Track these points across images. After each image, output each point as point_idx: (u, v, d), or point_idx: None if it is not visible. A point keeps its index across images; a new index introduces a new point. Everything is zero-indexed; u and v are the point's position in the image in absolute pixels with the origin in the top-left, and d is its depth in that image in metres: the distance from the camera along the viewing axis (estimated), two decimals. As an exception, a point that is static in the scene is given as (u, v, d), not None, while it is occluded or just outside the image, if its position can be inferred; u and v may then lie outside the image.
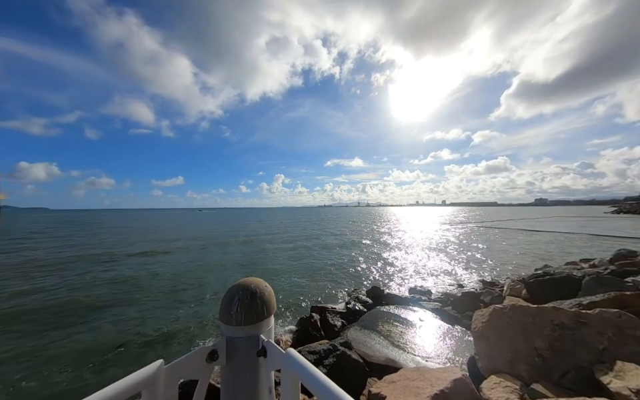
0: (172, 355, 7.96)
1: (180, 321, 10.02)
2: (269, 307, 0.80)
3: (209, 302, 12.11)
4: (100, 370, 7.08)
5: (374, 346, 5.79)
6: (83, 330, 9.63)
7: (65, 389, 6.52)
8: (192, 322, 9.92)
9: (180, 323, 9.91)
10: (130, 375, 0.54)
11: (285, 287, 14.51)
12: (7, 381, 6.47)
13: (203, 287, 14.62)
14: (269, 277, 17.12)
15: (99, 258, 24.08)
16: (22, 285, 15.15)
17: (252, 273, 17.67)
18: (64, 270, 19.21)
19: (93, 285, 15.26)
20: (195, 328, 9.29)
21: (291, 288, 14.26)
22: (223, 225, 66.98)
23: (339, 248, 28.10)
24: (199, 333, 9.02)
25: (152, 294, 13.87)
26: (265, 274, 17.78)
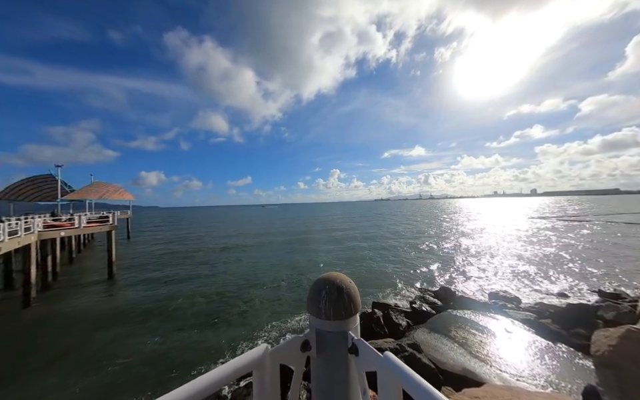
0: (259, 336, 9.09)
1: (271, 305, 11.37)
2: (355, 304, 0.78)
3: (292, 290, 13.30)
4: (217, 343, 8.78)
5: (447, 352, 5.24)
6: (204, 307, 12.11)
7: (197, 349, 8.32)
8: (275, 307, 11.13)
9: (271, 307, 11.24)
10: (243, 355, 0.60)
11: (345, 281, 14.73)
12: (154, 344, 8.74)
13: (278, 278, 16.13)
14: (326, 270, 17.64)
15: (201, 244, 29.70)
16: (159, 266, 20.11)
17: (313, 265, 18.54)
18: (183, 251, 24.56)
19: (203, 267, 18.96)
20: (280, 313, 10.31)
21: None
22: (284, 220, 72.53)
23: (399, 243, 26.56)
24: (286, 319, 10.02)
25: (240, 281, 16.23)
26: (323, 268, 18.36)
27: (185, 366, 7.34)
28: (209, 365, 7.30)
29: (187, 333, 9.31)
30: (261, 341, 8.51)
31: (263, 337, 8.78)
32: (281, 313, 10.62)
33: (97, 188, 26.40)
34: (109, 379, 6.85)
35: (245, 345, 8.26)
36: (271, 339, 8.65)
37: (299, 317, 10.06)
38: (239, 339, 8.70)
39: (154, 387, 6.48)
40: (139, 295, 13.76)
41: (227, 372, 0.54)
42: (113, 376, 6.94)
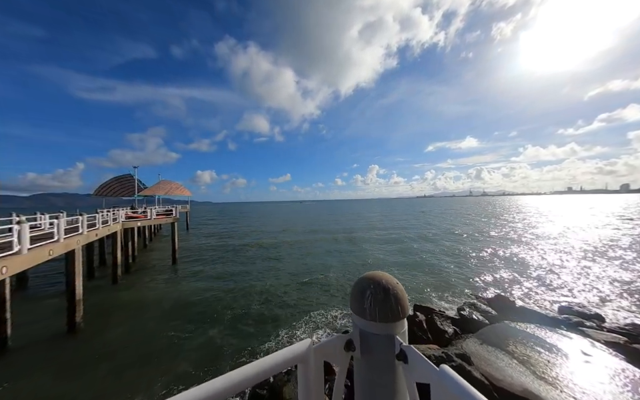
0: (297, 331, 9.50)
1: (311, 302, 11.77)
2: (403, 307, 0.72)
3: (336, 286, 13.59)
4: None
5: (503, 368, 4.65)
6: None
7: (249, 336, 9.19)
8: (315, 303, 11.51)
9: (311, 303, 11.68)
10: (288, 348, 0.61)
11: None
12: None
13: (323, 274, 16.52)
14: (365, 268, 17.26)
15: (247, 235, 32.28)
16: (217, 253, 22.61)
17: (357, 263, 18.40)
18: (237, 240, 27.15)
19: (254, 256, 20.66)
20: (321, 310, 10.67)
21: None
22: (323, 216, 73.33)
23: (445, 243, 24.44)
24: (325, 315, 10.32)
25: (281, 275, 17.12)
26: (365, 266, 18.04)
27: (233, 337, 8.21)
28: (254, 345, 7.91)
29: (235, 310, 10.33)
30: (304, 335, 8.85)
31: (303, 329, 9.10)
32: (325, 307, 10.82)
33: (163, 185, 30.66)
34: (173, 332, 8.10)
35: (285, 333, 8.69)
36: (311, 332, 8.92)
37: (338, 313, 10.13)
38: (283, 326, 9.21)
39: (201, 347, 7.46)
40: (197, 276, 16.00)
41: (273, 363, 0.55)
42: (175, 330, 8.24)
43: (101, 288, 13.78)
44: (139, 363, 7.36)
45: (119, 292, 13.37)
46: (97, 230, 12.35)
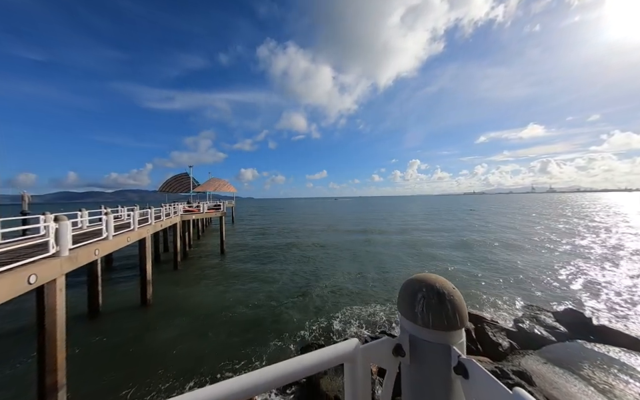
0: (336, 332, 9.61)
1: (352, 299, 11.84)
2: (461, 315, 0.65)
3: (374, 285, 13.43)
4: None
5: (575, 395, 3.96)
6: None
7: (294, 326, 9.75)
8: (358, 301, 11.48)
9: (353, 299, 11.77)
10: (334, 346, 0.60)
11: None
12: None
13: (357, 274, 16.48)
14: (401, 271, 16.46)
15: (289, 231, 33.78)
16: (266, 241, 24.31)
17: (393, 262, 17.74)
18: (283, 233, 28.85)
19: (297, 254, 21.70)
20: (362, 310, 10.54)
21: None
22: (356, 214, 72.01)
23: (498, 243, 21.72)
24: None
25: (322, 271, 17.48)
26: (406, 267, 17.22)
27: (274, 321, 8.70)
28: (294, 332, 8.25)
29: (278, 298, 10.93)
30: (338, 328, 8.91)
31: (342, 326, 9.13)
32: (364, 307, 10.66)
33: (213, 182, 33.86)
34: (224, 311, 8.99)
35: (321, 325, 8.84)
36: (345, 328, 8.91)
37: (378, 314, 9.91)
38: (321, 317, 9.41)
39: (248, 328, 8.11)
40: (242, 264, 17.59)
41: (319, 360, 0.55)
42: (225, 310, 9.13)
43: (164, 271, 15.97)
44: (197, 330, 8.61)
45: (179, 275, 15.33)
46: (162, 221, 14.29)
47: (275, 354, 7.54)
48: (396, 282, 13.39)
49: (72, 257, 5.82)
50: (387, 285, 13.06)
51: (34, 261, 5.00)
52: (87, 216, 10.95)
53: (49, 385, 5.15)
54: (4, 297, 4.08)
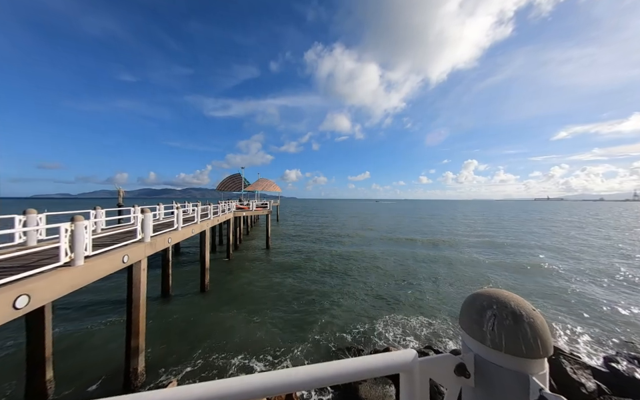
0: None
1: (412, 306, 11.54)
2: (545, 343, 0.56)
3: (422, 294, 12.81)
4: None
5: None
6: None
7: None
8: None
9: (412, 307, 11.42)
10: (390, 353, 0.58)
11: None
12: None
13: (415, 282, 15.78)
14: (472, 285, 14.96)
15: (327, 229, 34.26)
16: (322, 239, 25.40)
17: (452, 274, 16.31)
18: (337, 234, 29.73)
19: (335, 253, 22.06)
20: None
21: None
22: (398, 218, 68.05)
23: (589, 259, 17.78)
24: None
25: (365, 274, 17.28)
26: (469, 282, 15.67)
27: (315, 317, 8.85)
28: (334, 331, 8.29)
29: (316, 291, 11.13)
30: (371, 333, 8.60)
31: (385, 332, 8.81)
32: (407, 316, 10.17)
33: (261, 182, 36.43)
34: (273, 295, 9.56)
35: (361, 329, 8.64)
36: (383, 334, 8.54)
37: (419, 322, 9.25)
38: (363, 323, 9.24)
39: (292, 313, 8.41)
40: (286, 260, 18.55)
41: (373, 365, 0.54)
42: (271, 300, 9.67)
43: (219, 261, 17.85)
44: (245, 315, 9.42)
45: (231, 265, 16.97)
46: (219, 217, 16.01)
47: (314, 349, 7.71)
48: (444, 294, 12.24)
49: (152, 243, 6.98)
50: (433, 296, 12.04)
51: (127, 244, 6.16)
52: (163, 209, 12.96)
53: (133, 347, 6.27)
54: (106, 272, 5.13)
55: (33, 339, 5.70)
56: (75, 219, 4.26)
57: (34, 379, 5.75)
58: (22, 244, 5.83)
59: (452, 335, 8.51)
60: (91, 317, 9.48)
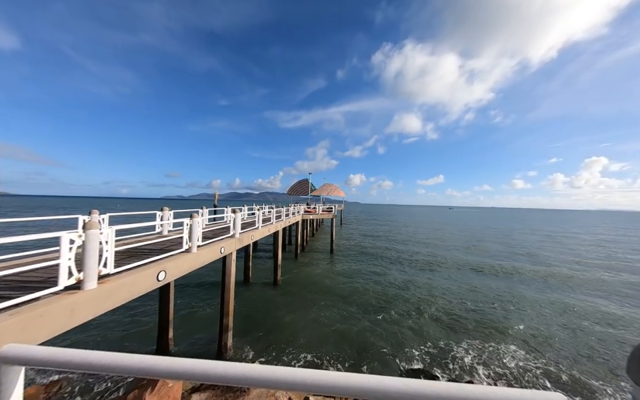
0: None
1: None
2: None
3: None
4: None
5: None
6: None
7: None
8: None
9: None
10: (533, 392, 0.53)
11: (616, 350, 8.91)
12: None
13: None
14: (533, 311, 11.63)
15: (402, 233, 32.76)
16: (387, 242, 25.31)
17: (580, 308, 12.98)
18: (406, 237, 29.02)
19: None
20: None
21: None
22: (480, 229, 57.71)
23: None
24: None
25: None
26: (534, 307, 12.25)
27: (378, 327, 8.51)
28: (400, 346, 7.78)
29: (382, 299, 10.71)
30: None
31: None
32: (496, 344, 8.67)
33: (326, 187, 37.80)
34: (336, 293, 9.81)
35: (434, 350, 7.74)
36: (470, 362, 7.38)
37: (517, 356, 7.62)
38: (436, 345, 8.37)
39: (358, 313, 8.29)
40: (350, 263, 18.58)
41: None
42: (332, 300, 9.88)
43: (288, 260, 19.45)
44: (311, 311, 9.85)
45: (298, 264, 18.23)
46: (289, 219, 17.51)
47: (381, 360, 7.40)
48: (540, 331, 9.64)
49: (240, 239, 8.25)
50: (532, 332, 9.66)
51: (222, 238, 7.49)
52: (246, 210, 15.13)
53: (224, 325, 7.52)
54: (209, 260, 6.37)
55: (162, 306, 7.60)
56: (192, 216, 5.49)
57: (162, 336, 7.63)
58: (159, 233, 7.90)
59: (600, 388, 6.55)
60: (196, 295, 11.92)
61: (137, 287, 3.90)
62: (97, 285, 3.26)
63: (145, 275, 4.09)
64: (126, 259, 4.45)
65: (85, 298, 3.06)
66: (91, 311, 3.13)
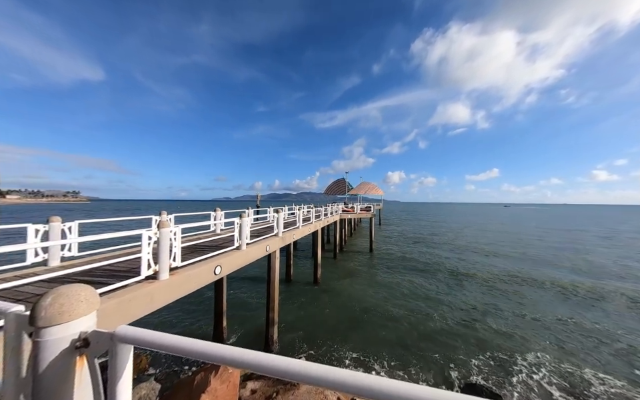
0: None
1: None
2: None
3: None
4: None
5: None
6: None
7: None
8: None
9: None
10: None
11: None
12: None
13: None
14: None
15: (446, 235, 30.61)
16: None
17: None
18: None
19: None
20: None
21: None
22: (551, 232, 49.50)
23: None
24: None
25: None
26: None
27: (423, 334, 7.98)
28: (447, 356, 7.15)
29: (426, 305, 10.02)
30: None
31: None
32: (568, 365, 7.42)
33: (363, 186, 37.06)
34: (379, 295, 9.52)
35: (490, 364, 6.89)
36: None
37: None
38: (492, 357, 7.52)
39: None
40: (390, 265, 17.78)
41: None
42: (372, 304, 9.60)
43: (327, 260, 19.58)
44: (351, 313, 9.74)
45: (337, 264, 18.24)
46: (328, 219, 17.65)
47: (436, 371, 6.92)
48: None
49: (283, 237, 8.62)
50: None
51: (267, 237, 7.92)
52: (287, 210, 15.75)
53: (270, 319, 7.94)
54: (256, 257, 6.80)
55: (217, 297, 8.39)
56: (241, 216, 5.92)
57: (217, 325, 8.42)
58: (213, 231, 8.75)
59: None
60: (243, 289, 12.86)
61: (199, 279, 4.36)
62: (169, 276, 3.74)
63: (205, 269, 4.56)
64: (188, 254, 5.02)
65: (160, 287, 3.54)
66: (165, 298, 3.61)
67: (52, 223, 4.53)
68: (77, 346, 0.85)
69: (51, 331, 0.82)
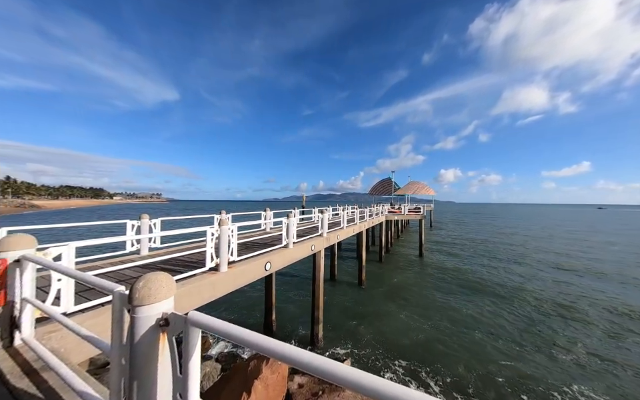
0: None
1: None
2: None
3: None
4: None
5: None
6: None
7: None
8: None
9: None
10: None
11: None
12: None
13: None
14: None
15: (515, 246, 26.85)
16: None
17: None
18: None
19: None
20: None
21: None
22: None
23: None
24: None
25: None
26: None
27: (473, 352, 6.96)
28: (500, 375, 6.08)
29: (479, 323, 8.77)
30: None
31: None
32: None
33: (412, 186, 34.78)
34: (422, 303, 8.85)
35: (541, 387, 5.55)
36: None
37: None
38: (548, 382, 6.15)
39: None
40: (442, 273, 16.16)
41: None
42: (419, 314, 8.89)
43: (372, 262, 19.01)
44: (398, 318, 9.22)
45: (383, 267, 17.53)
46: (373, 219, 17.15)
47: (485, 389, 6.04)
48: None
49: (327, 238, 8.73)
50: None
51: (312, 237, 8.14)
52: (331, 211, 15.92)
53: (315, 317, 8.11)
54: (301, 256, 7.04)
55: (267, 292, 9.00)
56: (288, 216, 6.22)
57: (267, 317, 9.02)
58: (263, 230, 9.43)
59: None
60: (290, 286, 13.49)
61: (252, 273, 4.76)
62: (228, 269, 4.18)
63: (257, 264, 4.94)
64: (243, 250, 5.52)
65: (221, 278, 3.99)
66: (225, 288, 4.05)
67: (142, 219, 5.58)
68: (160, 324, 1.03)
69: (142, 309, 1.00)
